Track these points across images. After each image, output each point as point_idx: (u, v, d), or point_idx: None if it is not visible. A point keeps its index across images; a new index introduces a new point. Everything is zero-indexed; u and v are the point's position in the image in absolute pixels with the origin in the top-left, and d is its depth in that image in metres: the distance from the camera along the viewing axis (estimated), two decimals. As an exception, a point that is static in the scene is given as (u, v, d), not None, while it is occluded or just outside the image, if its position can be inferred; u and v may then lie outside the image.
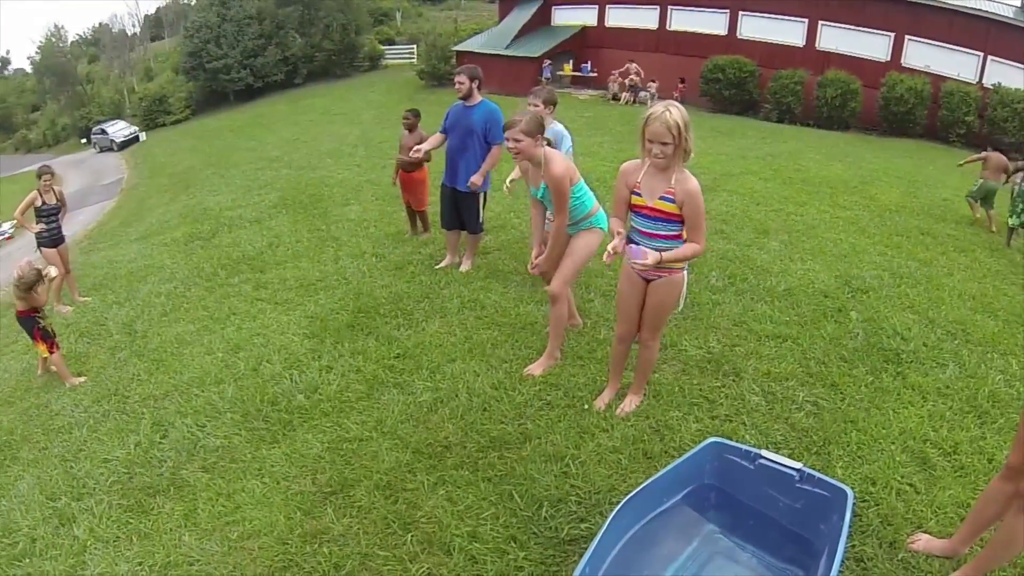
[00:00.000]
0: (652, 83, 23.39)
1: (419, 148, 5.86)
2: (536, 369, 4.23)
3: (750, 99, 21.62)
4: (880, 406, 3.79)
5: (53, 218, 7.20)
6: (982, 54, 18.47)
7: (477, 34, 31.55)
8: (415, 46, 37.30)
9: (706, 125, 17.37)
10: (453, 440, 3.68)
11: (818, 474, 2.55)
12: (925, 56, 19.24)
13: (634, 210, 3.25)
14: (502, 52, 26.33)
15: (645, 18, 25.14)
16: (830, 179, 10.51)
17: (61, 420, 4.97)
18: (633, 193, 3.21)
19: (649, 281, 3.38)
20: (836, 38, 20.85)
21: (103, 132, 35.10)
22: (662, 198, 3.12)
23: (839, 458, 3.32)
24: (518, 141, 3.80)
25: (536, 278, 5.54)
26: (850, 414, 3.71)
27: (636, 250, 3.14)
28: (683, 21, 24.17)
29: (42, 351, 5.65)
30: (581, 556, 2.77)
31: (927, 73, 18.73)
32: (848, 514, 2.33)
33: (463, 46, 29.30)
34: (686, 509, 2.75)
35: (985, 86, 18.02)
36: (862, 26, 20.24)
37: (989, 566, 2.49)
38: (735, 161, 11.84)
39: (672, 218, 3.17)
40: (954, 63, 18.80)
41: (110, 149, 33.64)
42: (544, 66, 25.61)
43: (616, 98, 23.39)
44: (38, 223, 7.09)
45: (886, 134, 18.63)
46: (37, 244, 6.94)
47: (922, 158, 14.92)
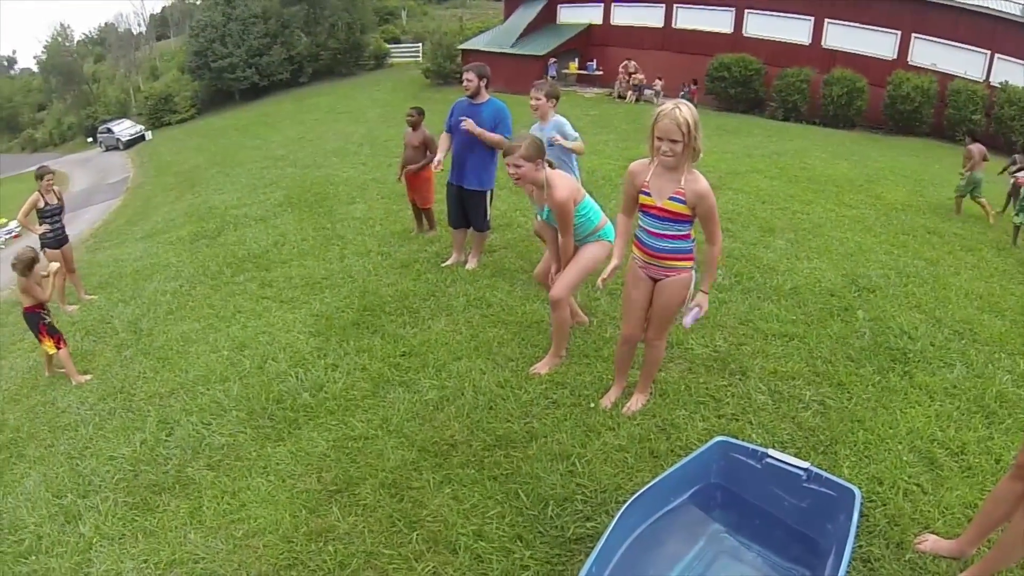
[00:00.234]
0: (657, 80, 23.36)
1: (439, 162, 5.88)
2: (542, 368, 4.23)
3: (756, 97, 21.56)
4: (887, 405, 3.77)
5: (56, 218, 7.21)
6: (989, 52, 18.38)
7: (482, 32, 31.53)
8: (420, 45, 37.36)
9: (712, 123, 17.30)
10: (459, 438, 3.68)
11: (825, 474, 2.55)
12: (932, 54, 19.15)
13: (643, 210, 3.24)
14: (507, 50, 26.29)
15: (650, 16, 25.06)
16: (836, 177, 10.48)
17: (67, 418, 4.98)
18: (641, 193, 3.20)
19: (656, 281, 3.37)
20: (842, 36, 20.76)
21: (109, 131, 35.24)
22: (671, 198, 3.11)
23: (846, 458, 3.30)
24: (518, 167, 3.77)
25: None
26: (857, 413, 3.69)
27: (690, 317, 3.32)
28: (689, 19, 24.10)
29: (48, 347, 5.67)
30: (587, 555, 2.77)
31: (934, 71, 18.64)
32: (856, 514, 2.32)
33: (468, 44, 29.27)
34: (692, 508, 2.75)
35: (992, 84, 17.95)
36: (868, 24, 20.15)
37: (997, 567, 2.48)
38: (741, 159, 11.81)
39: (681, 218, 3.15)
40: (961, 61, 18.72)
41: (116, 148, 33.74)
42: (549, 64, 25.58)
43: (622, 96, 23.37)
44: (41, 224, 7.10)
45: (892, 132, 18.58)
46: (41, 245, 6.95)
47: (928, 157, 14.87)
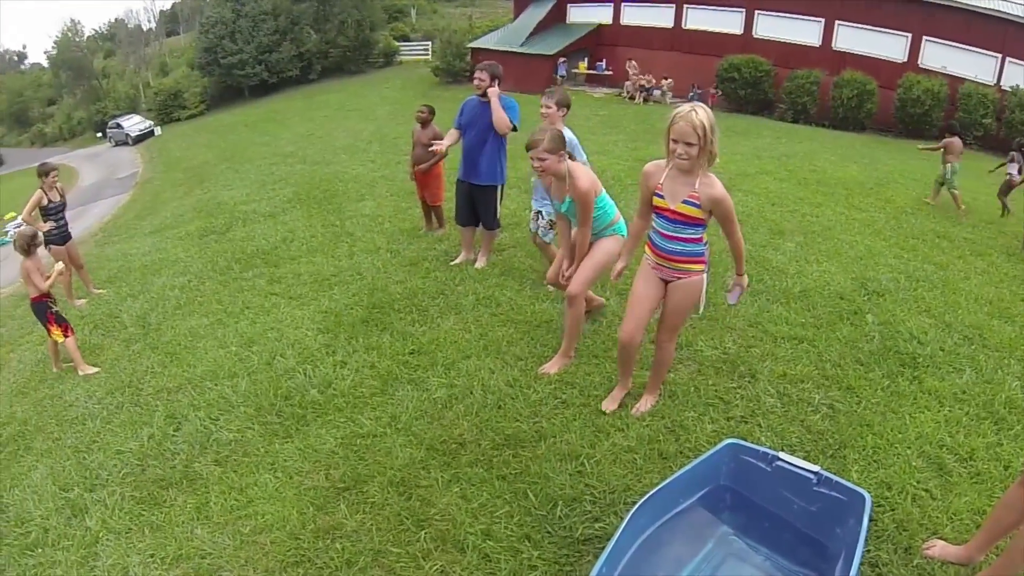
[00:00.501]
0: (664, 81, 23.30)
1: (439, 144, 5.86)
2: (551, 368, 4.23)
3: (765, 99, 21.49)
4: (896, 410, 3.76)
5: (60, 215, 7.23)
6: (1000, 55, 18.25)
7: (492, 31, 31.61)
8: (430, 43, 37.36)
9: (721, 125, 16.67)
10: (468, 437, 3.68)
11: (835, 478, 2.54)
12: (942, 57, 19.04)
13: (656, 212, 3.23)
14: (517, 49, 26.30)
15: (660, 16, 25.01)
16: (845, 180, 10.44)
17: (75, 411, 5.00)
18: (655, 195, 3.19)
19: (668, 282, 3.36)
20: (852, 38, 20.65)
21: (118, 126, 35.44)
22: (685, 202, 3.09)
23: (855, 462, 3.30)
24: (542, 160, 3.84)
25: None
26: (866, 418, 3.68)
27: (734, 296, 3.51)
28: (698, 20, 24.03)
29: (57, 335, 5.71)
30: (595, 556, 2.78)
31: (944, 74, 18.53)
32: (866, 519, 2.31)
33: (478, 43, 29.32)
34: (701, 510, 2.74)
35: (1003, 88, 17.82)
36: (879, 26, 20.04)
37: (1005, 574, 2.47)
38: (750, 161, 11.78)
39: (693, 222, 3.14)
40: (972, 64, 18.59)
41: (125, 143, 33.89)
42: (559, 64, 25.59)
43: (632, 98, 23.37)
44: (46, 221, 7.12)
45: (902, 135, 18.48)
46: (46, 242, 6.97)
47: (938, 161, 14.75)
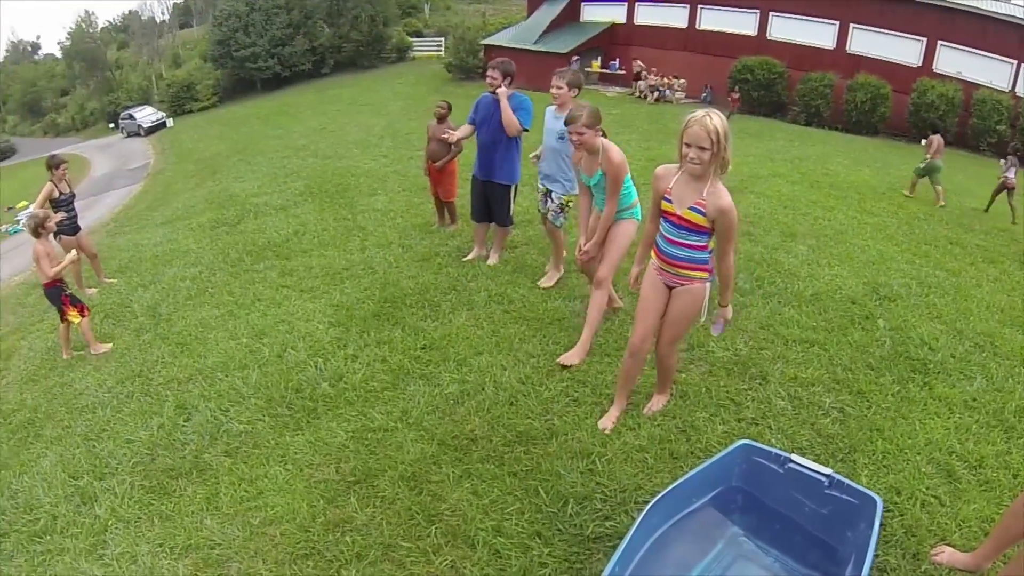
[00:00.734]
0: (676, 79, 23.23)
1: (452, 133, 5.88)
2: (572, 359, 4.27)
3: (778, 101, 21.44)
4: (906, 416, 3.76)
5: (71, 206, 7.29)
6: (1016, 62, 18.14)
7: (506, 28, 31.61)
8: (443, 39, 37.43)
9: (734, 127, 16.59)
10: (479, 433, 3.69)
11: (848, 481, 2.55)
12: (957, 62, 18.94)
13: (663, 215, 3.20)
14: (530, 47, 26.27)
15: (674, 16, 24.96)
16: (858, 184, 10.41)
17: (85, 399, 5.03)
18: (664, 198, 3.16)
19: (671, 288, 3.33)
20: (867, 41, 20.55)
21: (131, 117, 35.52)
22: (692, 208, 3.04)
23: (864, 466, 3.30)
24: (581, 134, 3.96)
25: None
26: (876, 422, 3.68)
27: (717, 328, 3.46)
28: (713, 20, 23.97)
29: (73, 317, 5.78)
30: (606, 554, 2.80)
31: (959, 80, 18.45)
32: (877, 523, 2.33)
33: (491, 40, 29.33)
34: (712, 511, 2.76)
35: (1018, 95, 17.73)
36: (894, 30, 19.94)
37: None
38: (763, 163, 11.75)
39: (699, 229, 3.11)
40: (987, 70, 18.49)
41: (137, 134, 34.02)
42: (572, 62, 25.53)
43: (644, 97, 23.37)
44: (56, 212, 7.19)
45: (915, 140, 18.38)
46: (56, 233, 7.04)
47: (951, 167, 14.60)
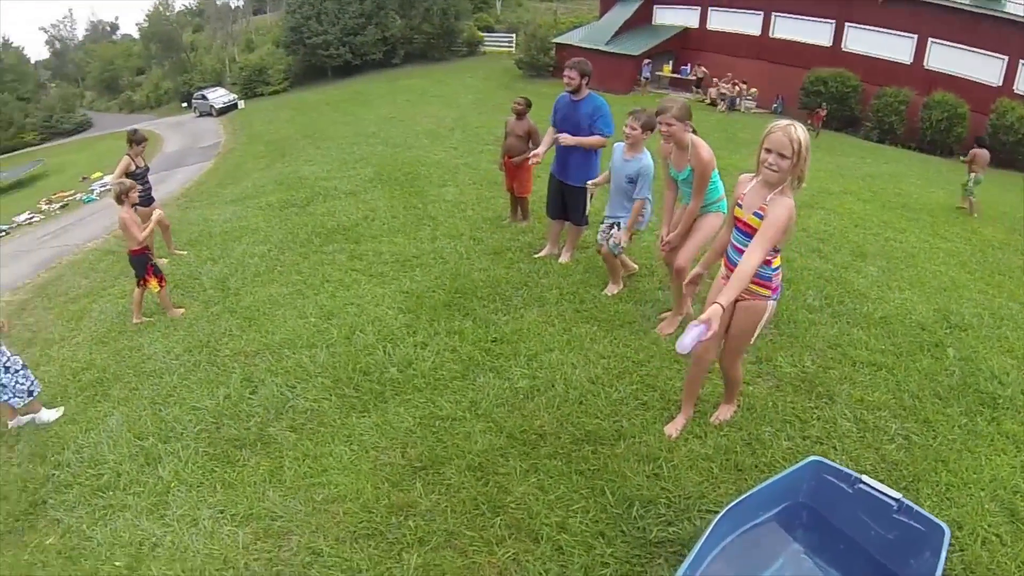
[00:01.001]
0: (744, 85, 22.87)
1: (536, 154, 5.85)
2: (668, 328, 4.73)
3: (851, 115, 20.92)
4: (972, 450, 3.69)
5: (145, 180, 7.58)
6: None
7: (577, 28, 31.61)
8: (514, 35, 37.50)
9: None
10: (548, 430, 3.76)
11: (916, 507, 2.54)
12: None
13: (734, 221, 3.19)
14: (602, 48, 26.16)
15: (747, 23, 24.64)
16: (931, 207, 10.17)
17: (152, 364, 5.22)
18: (736, 204, 3.16)
19: (737, 301, 3.27)
20: (945, 58, 19.88)
21: (203, 98, 36.52)
22: (755, 214, 3.03)
23: (927, 496, 3.27)
24: (670, 125, 4.15)
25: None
26: (941, 453, 3.63)
27: (689, 338, 2.69)
28: (787, 29, 23.55)
29: (153, 286, 6.02)
30: (667, 559, 2.86)
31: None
32: (943, 553, 2.32)
33: (563, 39, 29.37)
34: (775, 526, 2.78)
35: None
36: (974, 47, 19.22)
37: None
38: (834, 179, 11.53)
39: None
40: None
41: (209, 114, 34.99)
42: (644, 65, 25.41)
43: (715, 104, 23.10)
44: None
45: (992, 164, 17.73)
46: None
47: (1031, 195, 14.18)
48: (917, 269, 6.70)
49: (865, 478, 2.67)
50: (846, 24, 21.81)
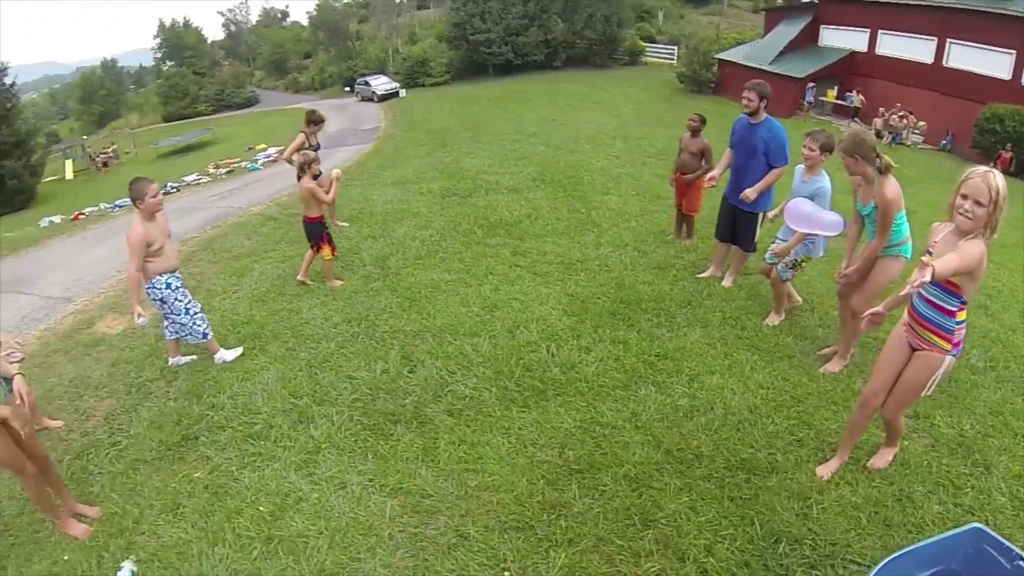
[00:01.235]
0: (911, 117, 21.42)
1: (713, 177, 5.89)
2: (833, 367, 4.71)
3: (1033, 159, 18.99)
4: None
5: None
6: None
7: (739, 44, 30.95)
8: (676, 48, 37.15)
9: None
10: (704, 451, 3.83)
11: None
12: None
13: None
14: (765, 67, 25.53)
15: (920, 49, 22.83)
16: (1121, 270, 9.26)
17: (310, 329, 5.52)
18: (927, 251, 3.08)
19: (914, 350, 3.28)
20: None
21: (366, 84, 38.19)
22: None
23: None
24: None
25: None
26: (1105, 552, 3.46)
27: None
28: (962, 58, 21.53)
29: (326, 253, 6.45)
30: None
31: None
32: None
33: (725, 55, 28.94)
34: (924, 586, 2.74)
35: None
36: None
37: None
38: (1007, 231, 10.58)
39: (949, 288, 3.03)
40: None
41: (370, 100, 36.52)
42: (807, 88, 24.46)
43: (882, 136, 21.68)
44: None
45: None
46: (298, 177, 7.58)
47: None
48: (1098, 341, 6.23)
49: (1026, 556, 2.60)
50: (1030, 56, 19.67)
